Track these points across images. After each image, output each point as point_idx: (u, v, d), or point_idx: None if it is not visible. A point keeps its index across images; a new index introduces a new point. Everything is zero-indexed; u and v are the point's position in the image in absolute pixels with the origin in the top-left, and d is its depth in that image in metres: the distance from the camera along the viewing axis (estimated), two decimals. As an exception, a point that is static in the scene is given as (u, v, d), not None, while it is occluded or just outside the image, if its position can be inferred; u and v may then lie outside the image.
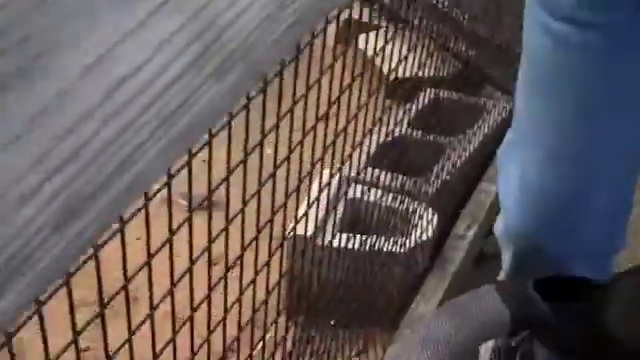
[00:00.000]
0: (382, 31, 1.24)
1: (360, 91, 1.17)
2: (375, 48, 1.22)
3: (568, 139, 1.19)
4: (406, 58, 1.31)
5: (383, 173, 1.64)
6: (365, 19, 2.03)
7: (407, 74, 1.40)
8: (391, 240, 1.60)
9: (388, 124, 1.41)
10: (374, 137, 1.43)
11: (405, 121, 1.79)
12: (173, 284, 0.80)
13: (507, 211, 1.28)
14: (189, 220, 0.78)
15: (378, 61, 1.27)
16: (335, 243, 1.39)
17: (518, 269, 1.25)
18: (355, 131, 1.22)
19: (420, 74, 1.52)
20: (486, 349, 1.30)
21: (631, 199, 1.27)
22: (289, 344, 1.28)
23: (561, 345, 1.16)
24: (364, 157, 1.41)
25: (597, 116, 1.17)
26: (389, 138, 1.63)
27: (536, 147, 1.21)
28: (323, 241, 1.36)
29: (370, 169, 1.61)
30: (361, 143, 1.25)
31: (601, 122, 1.17)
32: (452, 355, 1.07)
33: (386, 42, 1.22)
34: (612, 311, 0.77)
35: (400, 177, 1.65)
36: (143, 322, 0.76)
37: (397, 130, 1.67)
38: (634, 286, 0.79)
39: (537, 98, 1.21)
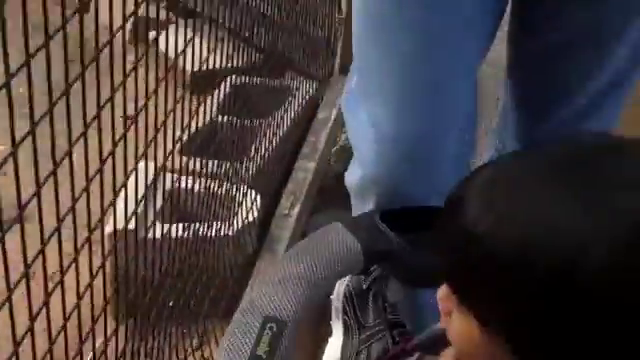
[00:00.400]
0: (178, 27, 1.23)
1: (159, 89, 1.16)
2: (167, 43, 1.22)
3: (412, 87, 1.17)
4: (191, 46, 1.28)
5: (202, 161, 1.65)
6: (161, 16, 2.02)
7: (204, 66, 1.38)
8: (218, 224, 1.61)
9: (197, 114, 1.42)
10: (184, 128, 1.43)
11: (213, 109, 1.81)
12: None
13: (363, 162, 1.25)
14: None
15: (174, 56, 1.25)
16: (157, 234, 1.39)
17: None
18: (165, 123, 1.21)
19: (217, 65, 1.51)
20: (337, 296, 1.27)
21: (475, 135, 1.29)
22: (120, 345, 1.24)
23: (414, 276, 1.16)
24: (178, 147, 1.40)
25: (437, 58, 1.16)
26: (200, 126, 1.64)
27: (384, 98, 1.19)
28: (146, 234, 1.35)
29: (187, 158, 1.61)
30: (167, 134, 1.24)
31: (442, 64, 1.17)
32: (311, 296, 1.04)
33: (166, 30, 1.21)
34: (462, 219, 0.76)
35: (218, 162, 1.66)
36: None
37: (207, 118, 1.68)
38: (477, 185, 0.79)
39: (376, 46, 1.19)
